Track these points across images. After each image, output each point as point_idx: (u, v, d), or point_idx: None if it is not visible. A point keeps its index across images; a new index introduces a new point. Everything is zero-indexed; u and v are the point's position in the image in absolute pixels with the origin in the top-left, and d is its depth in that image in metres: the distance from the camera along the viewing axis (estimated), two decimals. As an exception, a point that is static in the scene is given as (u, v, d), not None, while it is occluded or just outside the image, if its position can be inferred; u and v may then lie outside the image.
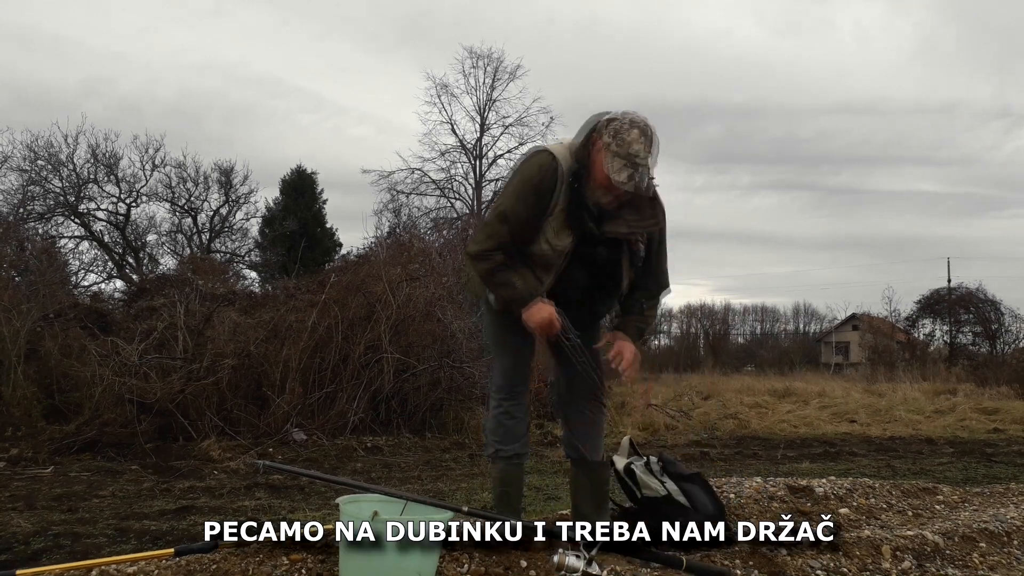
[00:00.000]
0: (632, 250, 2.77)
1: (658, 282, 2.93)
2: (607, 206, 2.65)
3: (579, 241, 2.69)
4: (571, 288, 2.78)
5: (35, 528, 3.69)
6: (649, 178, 2.58)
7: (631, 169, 2.52)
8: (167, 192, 22.86)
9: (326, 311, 7.91)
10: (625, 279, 2.81)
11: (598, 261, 2.75)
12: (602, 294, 2.85)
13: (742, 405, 12.25)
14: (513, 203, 2.70)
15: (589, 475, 2.96)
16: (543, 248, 2.69)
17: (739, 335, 48.11)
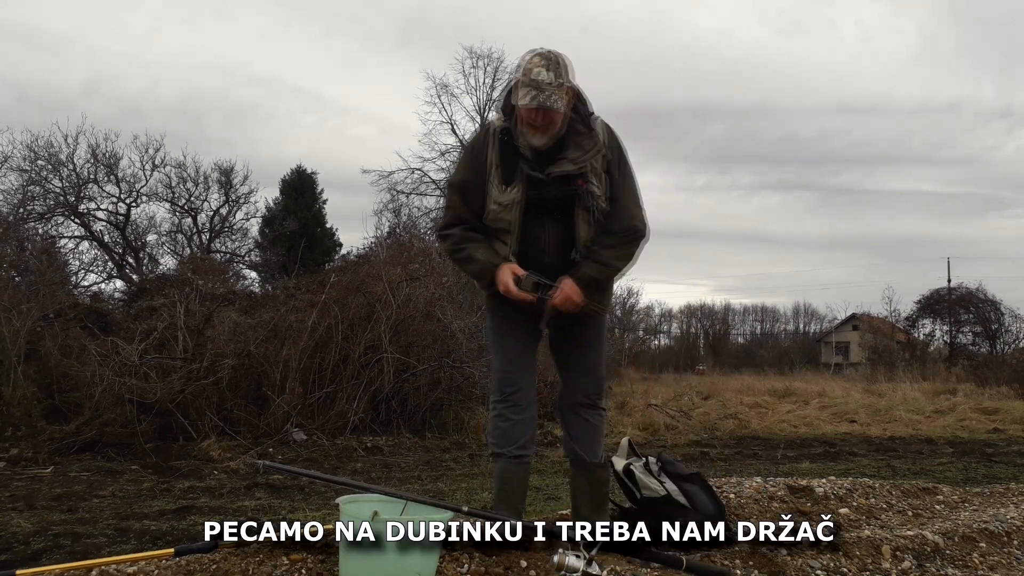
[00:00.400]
0: (584, 192, 2.66)
1: (620, 223, 2.74)
2: (542, 147, 2.63)
3: (528, 192, 2.66)
4: (538, 250, 2.73)
5: (35, 528, 3.69)
6: (556, 95, 2.56)
7: (535, 91, 2.54)
8: (167, 192, 22.89)
9: (326, 311, 7.91)
10: (583, 226, 2.70)
11: (549, 208, 2.69)
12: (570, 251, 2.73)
13: (742, 405, 12.25)
14: (456, 172, 2.88)
15: (587, 476, 2.94)
16: (492, 208, 2.70)
17: (739, 335, 48.13)
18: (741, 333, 48.91)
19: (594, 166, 2.68)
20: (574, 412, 2.93)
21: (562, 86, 2.58)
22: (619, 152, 2.76)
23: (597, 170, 2.69)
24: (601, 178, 2.70)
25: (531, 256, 2.73)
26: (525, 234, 2.72)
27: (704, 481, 3.14)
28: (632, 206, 2.75)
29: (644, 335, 39.57)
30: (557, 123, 2.62)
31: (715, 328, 44.33)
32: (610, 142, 2.74)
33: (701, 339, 43.59)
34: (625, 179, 2.76)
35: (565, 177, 2.65)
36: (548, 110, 2.56)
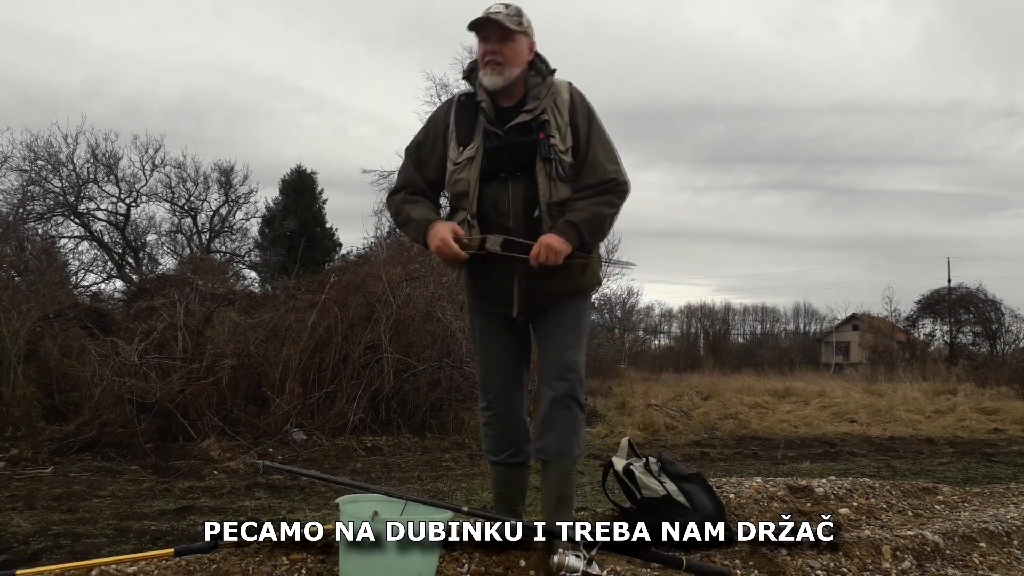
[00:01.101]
0: (543, 143, 2.54)
1: (596, 175, 2.59)
2: (497, 87, 2.58)
3: (485, 147, 2.58)
4: (500, 213, 2.58)
5: (35, 528, 3.69)
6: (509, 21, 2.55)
7: (485, 14, 2.56)
8: (167, 192, 22.88)
9: (326, 311, 7.91)
10: (543, 180, 2.55)
11: (509, 167, 2.57)
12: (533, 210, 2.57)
13: (742, 405, 12.25)
14: (415, 137, 2.77)
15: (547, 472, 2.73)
16: (450, 171, 2.63)
17: (739, 335, 48.12)
18: (741, 333, 48.92)
19: (557, 120, 2.58)
20: (546, 405, 2.71)
21: (519, 23, 2.58)
22: (587, 108, 2.65)
23: (560, 124, 2.58)
24: (564, 132, 2.58)
25: (493, 220, 2.59)
26: (484, 196, 2.60)
27: (704, 481, 3.14)
28: (604, 159, 2.61)
29: (644, 335, 39.58)
30: (511, 60, 2.56)
31: (715, 328, 44.31)
32: (577, 98, 2.65)
33: (701, 339, 43.58)
34: (594, 133, 2.63)
35: (523, 128, 2.57)
36: (501, 38, 2.54)
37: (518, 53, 2.59)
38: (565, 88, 2.65)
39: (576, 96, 2.65)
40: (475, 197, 2.59)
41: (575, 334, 2.72)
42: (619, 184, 2.63)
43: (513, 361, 2.80)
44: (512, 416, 2.79)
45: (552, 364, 2.70)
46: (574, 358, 2.69)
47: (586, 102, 2.67)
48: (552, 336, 2.71)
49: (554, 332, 2.71)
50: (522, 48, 2.60)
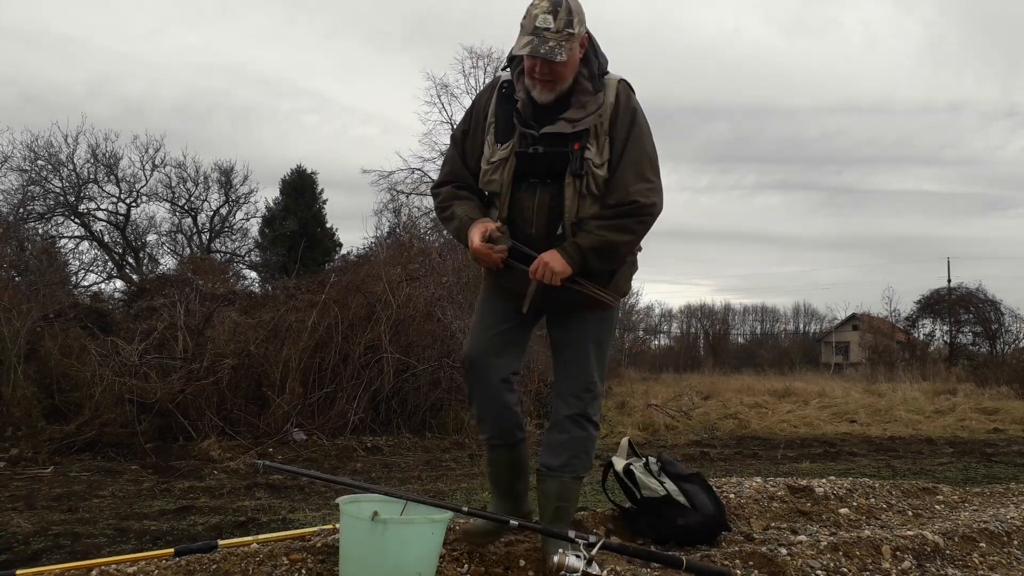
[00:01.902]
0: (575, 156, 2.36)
1: (616, 195, 2.38)
2: (547, 102, 2.37)
3: (519, 151, 2.40)
4: (524, 219, 2.44)
5: (35, 528, 3.69)
6: (560, 46, 2.27)
7: (535, 39, 2.28)
8: (167, 192, 22.93)
9: (326, 311, 7.91)
10: (571, 195, 2.38)
11: (541, 173, 2.40)
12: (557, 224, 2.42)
13: (742, 405, 12.26)
14: (459, 125, 2.63)
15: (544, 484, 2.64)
16: (484, 169, 2.47)
17: (739, 335, 48.13)
18: (741, 333, 48.93)
19: (597, 130, 2.38)
20: (558, 419, 2.62)
21: (570, 36, 2.29)
22: (630, 115, 2.41)
23: (599, 134, 2.38)
24: (602, 143, 2.38)
25: (518, 226, 2.45)
26: (514, 200, 2.45)
27: (704, 481, 3.14)
28: (632, 177, 2.38)
29: (644, 335, 39.59)
30: (564, 76, 2.35)
31: (715, 328, 44.32)
32: (622, 102, 2.41)
33: (701, 339, 43.59)
34: (630, 145, 2.39)
35: (558, 138, 2.38)
36: (550, 63, 2.29)
37: (571, 66, 2.36)
38: (612, 89, 2.42)
39: (622, 99, 2.42)
40: (506, 201, 2.46)
41: (596, 349, 2.60)
42: (641, 207, 2.38)
43: (506, 342, 2.62)
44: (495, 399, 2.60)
45: (569, 380, 2.60)
46: (592, 377, 2.59)
47: (631, 105, 2.43)
48: (571, 348, 2.60)
49: (574, 344, 2.59)
50: (575, 57, 2.36)
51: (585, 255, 2.38)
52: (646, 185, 2.40)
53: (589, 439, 2.63)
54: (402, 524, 2.28)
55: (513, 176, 2.44)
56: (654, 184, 2.43)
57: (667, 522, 2.96)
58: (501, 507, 2.74)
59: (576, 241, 2.38)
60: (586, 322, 2.58)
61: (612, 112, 2.40)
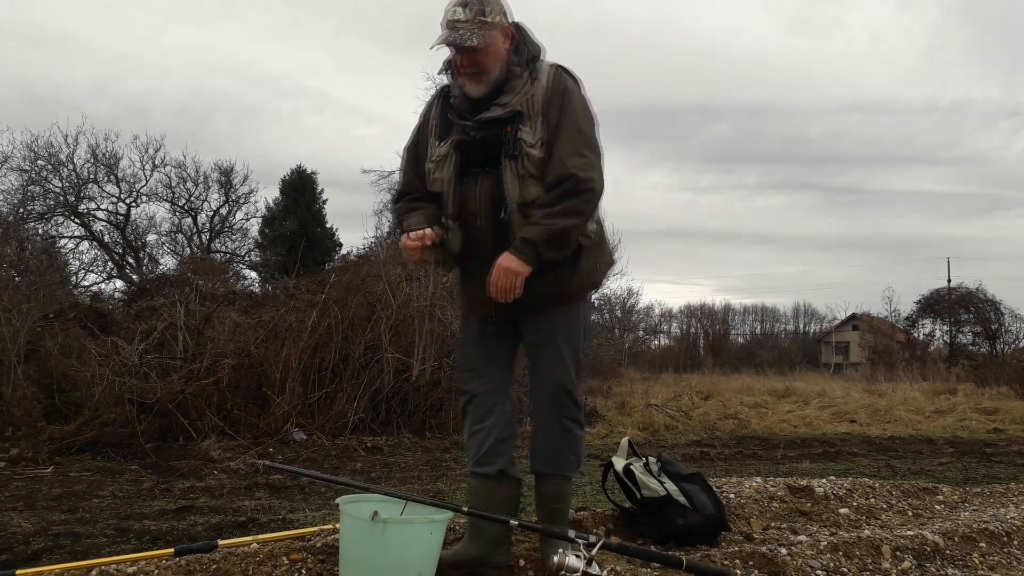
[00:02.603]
0: (509, 138, 2.35)
1: (555, 172, 2.35)
2: (479, 95, 2.40)
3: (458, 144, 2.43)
4: (471, 212, 2.45)
5: (35, 528, 3.69)
6: (472, 33, 2.33)
7: (447, 31, 2.35)
8: (167, 192, 22.94)
9: (326, 311, 7.91)
10: (510, 178, 2.36)
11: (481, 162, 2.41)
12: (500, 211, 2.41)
13: (742, 405, 12.26)
14: (410, 136, 2.66)
15: (540, 485, 2.64)
16: (428, 168, 2.51)
17: (739, 335, 48.13)
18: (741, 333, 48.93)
19: (530, 111, 2.37)
20: (539, 424, 2.59)
21: (483, 23, 2.35)
22: (563, 95, 2.40)
23: (532, 115, 2.37)
24: (536, 124, 2.36)
25: (466, 220, 2.47)
26: (460, 195, 2.46)
27: (704, 481, 3.14)
28: (568, 152, 2.35)
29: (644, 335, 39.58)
30: (488, 66, 2.38)
31: (715, 328, 44.31)
32: (555, 85, 2.41)
33: (701, 339, 43.58)
34: (564, 124, 2.37)
35: (492, 122, 2.39)
36: (462, 49, 2.35)
37: (493, 54, 2.39)
38: (545, 72, 2.43)
39: (554, 82, 2.42)
40: (451, 197, 2.46)
41: (568, 347, 2.54)
42: (579, 183, 2.34)
43: (490, 360, 2.63)
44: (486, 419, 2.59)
45: (542, 386, 2.55)
46: (565, 378, 2.53)
47: (563, 85, 2.42)
48: (542, 350, 2.55)
49: (544, 346, 2.54)
50: (496, 46, 2.39)
51: (538, 248, 2.33)
52: (582, 160, 2.37)
53: (575, 439, 2.60)
54: (402, 524, 2.28)
55: (457, 171, 2.46)
56: (590, 159, 2.40)
57: (667, 522, 2.96)
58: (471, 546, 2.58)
59: (524, 236, 2.33)
60: (554, 321, 2.54)
61: (545, 94, 2.39)
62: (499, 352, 2.64)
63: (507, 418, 2.63)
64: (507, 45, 2.43)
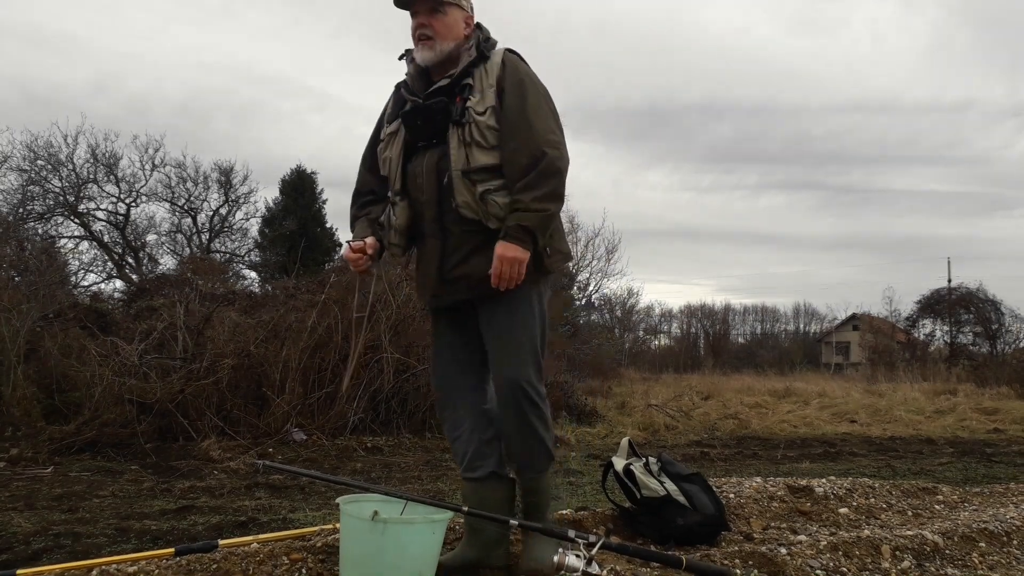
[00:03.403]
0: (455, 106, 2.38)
1: (530, 148, 2.34)
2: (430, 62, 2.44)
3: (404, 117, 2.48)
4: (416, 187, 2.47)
5: (35, 528, 3.69)
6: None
7: None
8: (167, 192, 22.94)
9: (326, 311, 7.91)
10: (456, 145, 2.37)
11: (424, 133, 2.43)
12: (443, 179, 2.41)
13: (742, 405, 12.26)
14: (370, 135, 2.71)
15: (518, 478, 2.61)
16: (379, 150, 2.58)
17: (739, 335, 48.15)
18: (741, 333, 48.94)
19: (482, 84, 2.40)
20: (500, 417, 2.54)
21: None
22: (518, 74, 2.42)
23: (483, 87, 2.40)
24: (486, 93, 2.38)
25: (412, 196, 2.49)
26: (406, 172, 2.49)
27: (704, 481, 3.14)
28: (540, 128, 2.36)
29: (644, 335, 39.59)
30: (442, 33, 2.42)
31: (715, 328, 44.32)
32: (509, 66, 2.43)
33: (701, 339, 43.58)
34: (528, 95, 2.39)
35: (439, 92, 2.43)
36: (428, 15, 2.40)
37: (451, 27, 2.44)
38: (499, 55, 2.47)
39: (509, 62, 2.44)
40: (398, 173, 2.50)
41: (522, 337, 2.45)
42: (556, 162, 2.35)
43: (462, 369, 2.61)
44: (460, 426, 2.59)
45: (499, 381, 2.48)
46: (520, 371, 2.43)
47: (520, 68, 2.45)
48: (493, 341, 2.49)
49: (495, 336, 2.48)
50: (455, 21, 2.45)
51: (535, 234, 2.36)
52: (554, 137, 2.39)
53: (538, 433, 2.50)
54: (402, 524, 2.28)
55: (403, 147, 2.49)
56: (560, 137, 2.42)
57: (667, 522, 2.96)
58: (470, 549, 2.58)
59: (522, 223, 2.33)
60: (510, 309, 2.46)
61: (499, 73, 2.42)
62: (466, 351, 2.60)
63: (486, 418, 2.59)
64: (465, 30, 2.48)
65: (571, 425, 9.05)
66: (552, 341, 12.79)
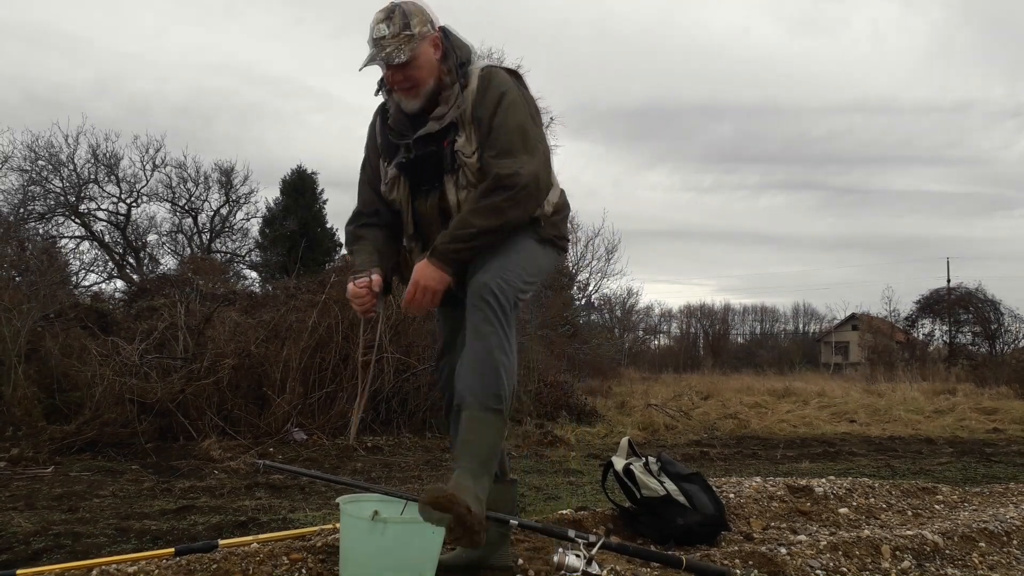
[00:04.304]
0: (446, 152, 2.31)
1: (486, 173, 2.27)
2: (417, 110, 2.33)
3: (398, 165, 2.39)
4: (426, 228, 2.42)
5: (35, 528, 3.69)
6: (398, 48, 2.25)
7: (373, 49, 2.29)
8: (167, 192, 22.93)
9: (326, 311, 7.91)
10: (452, 191, 2.33)
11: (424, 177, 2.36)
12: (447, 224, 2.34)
13: (742, 405, 12.26)
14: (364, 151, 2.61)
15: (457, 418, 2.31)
16: (383, 191, 2.47)
17: (739, 335, 48.17)
18: (741, 333, 48.96)
19: (463, 119, 2.31)
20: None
21: (409, 37, 2.26)
22: (493, 96, 2.30)
23: (465, 123, 2.31)
24: (470, 132, 2.30)
25: (426, 236, 2.42)
26: (415, 214, 2.43)
27: (704, 481, 3.14)
28: (498, 155, 2.25)
29: (644, 335, 39.60)
30: (421, 79, 2.30)
31: (715, 328, 44.34)
32: (483, 87, 2.31)
33: (701, 339, 43.59)
34: (496, 124, 2.27)
35: (429, 138, 2.34)
36: (392, 67, 2.28)
37: (425, 66, 2.31)
38: (475, 76, 2.35)
39: (483, 83, 2.32)
40: (408, 216, 2.45)
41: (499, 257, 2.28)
42: (502, 180, 2.22)
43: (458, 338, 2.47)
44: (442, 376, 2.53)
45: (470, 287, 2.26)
46: (494, 275, 2.23)
47: (495, 87, 2.32)
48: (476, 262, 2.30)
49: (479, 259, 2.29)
50: (427, 57, 2.31)
51: (448, 254, 2.23)
52: (508, 159, 2.25)
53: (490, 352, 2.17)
54: (402, 524, 2.28)
55: (409, 191, 2.42)
56: (516, 157, 2.25)
57: (667, 522, 2.96)
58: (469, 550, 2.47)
59: (436, 244, 2.26)
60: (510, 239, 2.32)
61: (475, 98, 2.31)
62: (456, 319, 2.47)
63: None
64: (437, 55, 2.34)
65: (571, 425, 9.06)
66: (552, 341, 12.79)
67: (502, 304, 2.20)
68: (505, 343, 2.20)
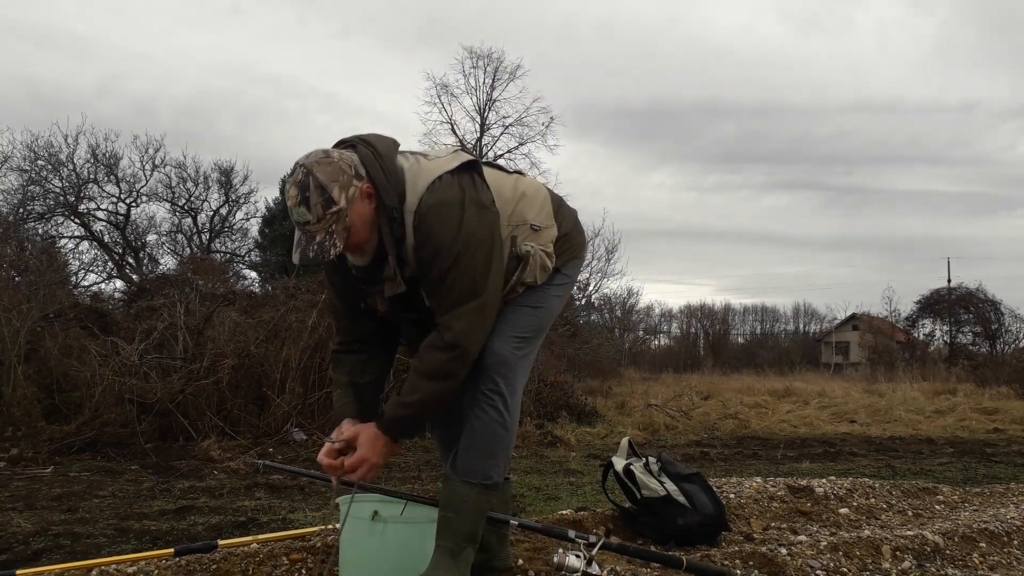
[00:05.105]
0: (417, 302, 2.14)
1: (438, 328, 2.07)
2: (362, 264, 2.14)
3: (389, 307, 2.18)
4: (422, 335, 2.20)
5: (35, 528, 3.69)
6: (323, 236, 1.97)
7: (298, 236, 2.02)
8: (167, 192, 22.95)
9: (326, 311, 7.91)
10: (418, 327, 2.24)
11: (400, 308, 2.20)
12: None
13: (742, 405, 12.26)
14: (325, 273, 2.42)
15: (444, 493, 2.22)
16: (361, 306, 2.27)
17: (739, 335, 48.18)
18: (741, 333, 48.97)
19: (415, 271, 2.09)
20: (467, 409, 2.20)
21: (337, 214, 1.96)
22: (428, 253, 2.03)
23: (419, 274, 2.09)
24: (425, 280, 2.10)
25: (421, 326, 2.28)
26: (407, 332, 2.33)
27: (704, 481, 3.14)
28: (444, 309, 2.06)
29: (644, 335, 39.60)
30: (365, 238, 2.04)
31: (715, 328, 44.35)
32: (419, 236, 2.03)
33: (701, 339, 43.60)
34: (433, 278, 2.05)
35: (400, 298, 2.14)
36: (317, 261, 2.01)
37: (362, 229, 2.03)
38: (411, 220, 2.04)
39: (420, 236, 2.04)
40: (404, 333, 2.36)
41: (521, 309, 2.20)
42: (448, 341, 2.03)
43: None
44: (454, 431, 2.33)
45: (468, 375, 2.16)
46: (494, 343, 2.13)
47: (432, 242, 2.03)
48: None
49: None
50: (362, 219, 2.01)
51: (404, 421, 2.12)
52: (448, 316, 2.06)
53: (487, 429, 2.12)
54: (402, 524, 2.28)
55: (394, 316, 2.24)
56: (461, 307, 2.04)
57: (667, 522, 2.96)
58: None
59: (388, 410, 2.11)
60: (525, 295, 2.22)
61: (415, 253, 2.06)
62: None
63: None
64: (372, 205, 2.03)
65: (571, 425, 9.05)
66: (552, 341, 12.79)
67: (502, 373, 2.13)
68: (506, 417, 2.13)
